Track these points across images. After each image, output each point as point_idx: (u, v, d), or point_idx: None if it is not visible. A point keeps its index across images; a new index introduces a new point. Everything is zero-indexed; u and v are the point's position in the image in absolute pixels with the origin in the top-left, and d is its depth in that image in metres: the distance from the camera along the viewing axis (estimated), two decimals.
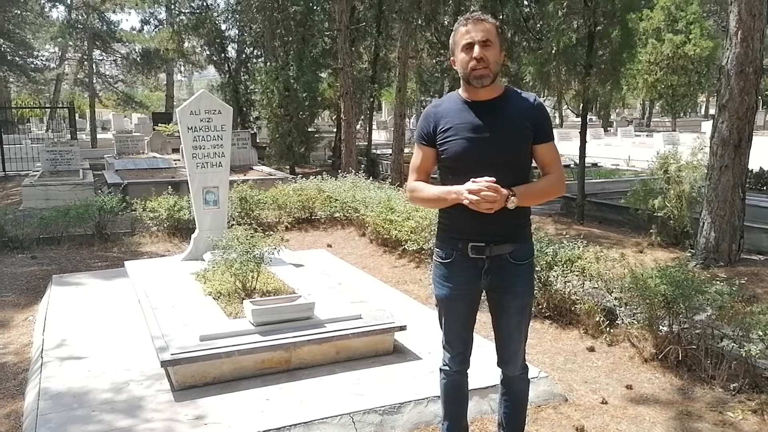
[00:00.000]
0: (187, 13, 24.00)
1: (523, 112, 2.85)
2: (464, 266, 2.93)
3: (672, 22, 26.18)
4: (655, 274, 4.75)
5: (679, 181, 8.34)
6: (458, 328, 3.11)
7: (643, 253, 8.22)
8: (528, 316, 3.10)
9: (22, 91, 39.76)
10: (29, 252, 8.66)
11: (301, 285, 5.41)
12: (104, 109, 44.20)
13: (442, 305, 3.09)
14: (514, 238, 2.91)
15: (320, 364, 4.44)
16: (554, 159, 2.93)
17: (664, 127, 33.17)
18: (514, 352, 3.12)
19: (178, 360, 4.05)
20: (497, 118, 2.83)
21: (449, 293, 3.01)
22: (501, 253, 2.89)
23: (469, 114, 2.85)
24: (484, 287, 2.99)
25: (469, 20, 2.81)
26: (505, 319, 3.04)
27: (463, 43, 2.79)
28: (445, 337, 3.16)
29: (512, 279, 2.94)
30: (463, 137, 2.82)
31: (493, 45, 2.78)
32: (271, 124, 18.45)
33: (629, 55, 9.98)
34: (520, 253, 2.93)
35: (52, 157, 14.40)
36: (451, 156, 2.85)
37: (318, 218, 10.42)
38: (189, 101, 6.58)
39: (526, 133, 2.83)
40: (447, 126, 2.87)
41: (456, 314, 3.07)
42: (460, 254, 2.92)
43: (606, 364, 4.82)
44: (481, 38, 2.76)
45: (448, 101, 2.97)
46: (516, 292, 2.97)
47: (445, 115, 2.90)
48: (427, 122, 2.95)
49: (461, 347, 3.15)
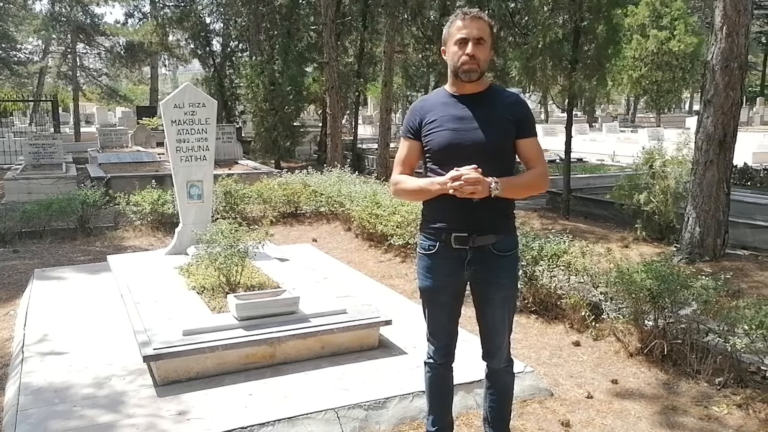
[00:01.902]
0: (171, 6, 23.81)
1: (506, 107, 2.90)
2: (447, 257, 2.93)
3: (657, 18, 26.26)
4: (641, 269, 4.75)
5: (665, 177, 8.37)
6: (442, 320, 3.10)
7: (628, 248, 8.25)
8: (512, 308, 3.09)
9: (5, 85, 39.39)
10: (11, 246, 8.55)
11: (286, 279, 5.36)
12: (88, 102, 43.80)
13: (426, 297, 3.08)
14: (497, 229, 2.91)
15: (305, 358, 4.40)
16: (537, 154, 2.96)
17: (649, 123, 33.28)
18: (499, 344, 3.11)
19: (160, 355, 3.99)
20: (482, 110, 2.86)
21: (432, 284, 3.01)
22: (484, 244, 2.89)
23: (454, 107, 2.90)
24: (468, 279, 2.98)
25: (467, 16, 2.83)
26: (490, 312, 3.04)
27: (458, 37, 2.82)
28: (429, 330, 3.15)
29: (496, 270, 2.94)
30: (447, 128, 2.85)
31: (485, 44, 2.83)
32: (256, 119, 18.36)
33: (615, 50, 9.99)
34: (503, 244, 2.93)
35: (35, 151, 14.22)
36: (435, 147, 2.88)
37: (303, 213, 10.37)
38: (173, 94, 6.51)
39: (509, 127, 2.87)
40: (432, 118, 2.90)
41: (440, 305, 3.06)
42: (443, 245, 2.92)
43: (591, 359, 4.82)
44: (476, 35, 2.80)
45: (436, 95, 3.02)
46: (500, 284, 2.97)
47: (431, 108, 2.94)
48: (413, 116, 2.98)
49: (445, 339, 3.14)
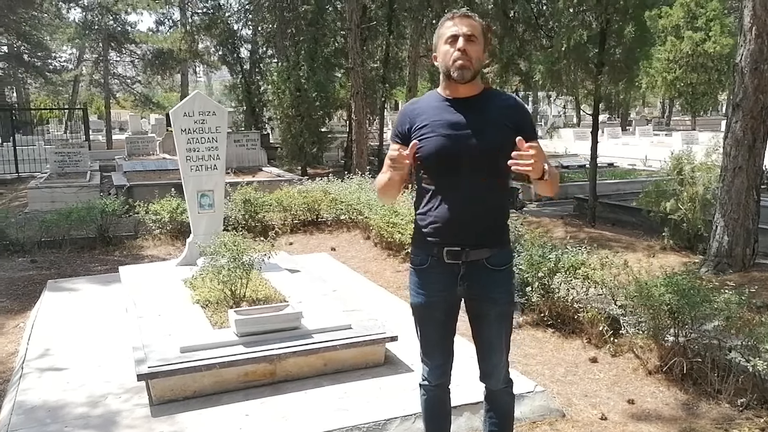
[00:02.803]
0: (200, 13, 23.96)
1: (503, 111, 2.72)
2: (440, 272, 2.78)
3: (691, 19, 25.67)
4: (660, 283, 4.51)
5: (693, 183, 8.06)
6: (436, 338, 2.94)
7: (654, 257, 7.96)
8: (509, 325, 2.91)
9: (41, 93, 40.14)
10: (30, 256, 8.57)
11: (293, 292, 5.23)
12: (123, 110, 44.43)
13: (418, 314, 2.92)
14: (491, 243, 2.75)
15: (307, 376, 4.26)
16: (544, 157, 2.76)
17: (685, 126, 32.60)
18: (496, 363, 2.93)
19: (155, 373, 3.88)
20: (477, 115, 2.69)
21: (425, 301, 2.85)
22: (477, 258, 2.73)
23: (447, 111, 2.71)
24: (461, 295, 2.82)
25: (456, 15, 2.70)
26: (485, 329, 2.87)
27: (448, 35, 2.67)
28: (422, 349, 2.99)
29: (490, 285, 2.78)
30: (439, 134, 2.67)
31: (477, 41, 2.66)
32: (282, 125, 18.32)
33: (643, 52, 9.70)
34: (497, 258, 2.78)
35: (60, 159, 14.35)
36: (426, 154, 2.69)
37: (324, 220, 10.25)
38: (182, 102, 6.43)
39: (506, 132, 2.65)
40: (423, 123, 2.72)
41: (433, 323, 2.90)
42: (436, 260, 2.76)
43: (608, 377, 4.59)
44: (467, 32, 2.64)
45: (427, 98, 2.84)
46: (494, 300, 2.80)
47: (422, 112, 2.76)
48: (403, 119, 2.82)
49: (440, 359, 2.97)
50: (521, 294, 5.57)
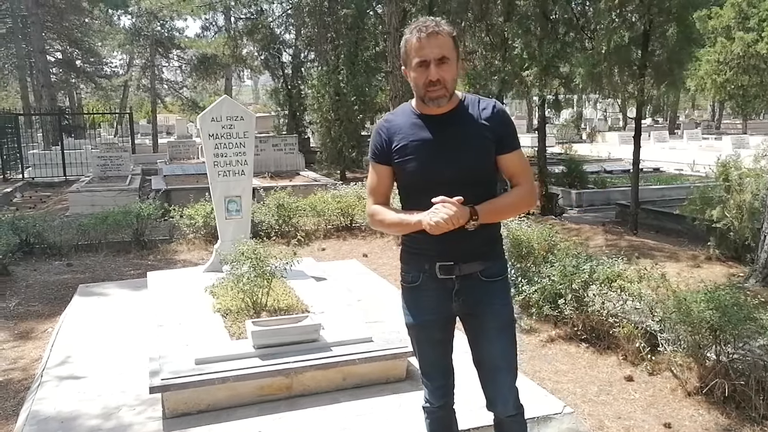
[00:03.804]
0: (243, 18, 24.14)
1: (482, 122, 2.54)
2: (433, 288, 2.62)
3: (743, 19, 24.84)
4: (701, 298, 4.24)
5: (741, 190, 7.67)
6: (434, 358, 2.78)
7: (699, 267, 7.61)
8: (513, 341, 2.72)
9: (93, 98, 41.10)
10: (66, 259, 8.65)
11: (316, 301, 5.10)
12: (171, 114, 45.17)
13: (413, 334, 2.77)
14: (484, 256, 2.60)
15: (324, 391, 4.12)
16: (522, 169, 2.61)
17: (735, 130, 31.62)
18: (503, 386, 2.73)
19: (168, 386, 3.79)
20: (455, 131, 2.53)
21: (419, 320, 2.70)
22: (471, 272, 2.57)
23: (423, 130, 2.55)
24: (457, 312, 2.66)
25: (422, 32, 2.44)
26: (486, 346, 2.69)
27: (417, 61, 2.46)
28: (422, 370, 2.84)
29: (488, 297, 2.62)
30: (419, 155, 2.52)
31: (450, 61, 2.46)
32: (322, 129, 18.31)
33: (688, 54, 9.32)
34: (492, 270, 2.62)
35: (103, 163, 14.56)
36: (406, 176, 2.57)
37: (358, 226, 10.14)
38: (210, 107, 6.37)
39: (487, 145, 2.52)
40: (401, 143, 2.56)
41: (430, 342, 2.75)
42: (428, 276, 2.60)
43: (644, 397, 4.34)
44: (437, 56, 2.43)
45: (401, 114, 2.65)
46: (493, 311, 2.64)
47: (397, 130, 2.59)
48: (379, 138, 2.63)
49: (441, 379, 2.81)
50: (553, 306, 5.34)
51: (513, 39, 11.51)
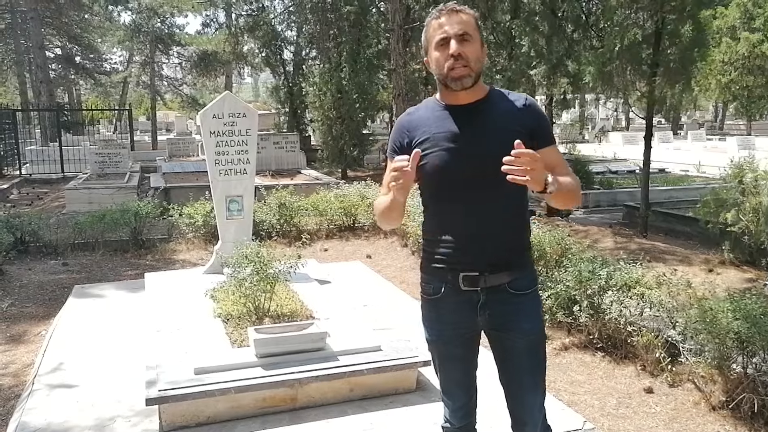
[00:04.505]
0: (244, 15, 23.91)
1: (513, 115, 2.33)
2: (456, 302, 2.40)
3: (748, 19, 24.61)
4: (727, 307, 4.03)
5: (756, 193, 7.45)
6: (457, 376, 2.56)
7: (712, 272, 7.39)
8: (542, 359, 2.51)
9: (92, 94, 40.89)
10: (62, 258, 8.42)
11: (321, 307, 4.89)
12: (171, 111, 44.92)
13: (435, 349, 2.56)
14: (512, 266, 2.37)
15: (330, 402, 3.90)
16: (562, 163, 2.41)
17: (739, 131, 31.40)
18: (531, 408, 2.52)
19: (166, 397, 3.57)
20: (483, 123, 2.31)
21: (441, 335, 2.49)
22: (498, 284, 2.35)
23: (448, 121, 2.33)
24: (483, 326, 2.45)
25: (443, 12, 2.29)
26: (514, 365, 2.47)
27: (437, 39, 2.28)
28: (442, 387, 2.62)
29: (516, 313, 2.39)
30: (443, 149, 2.30)
31: (472, 39, 2.27)
32: (323, 127, 18.09)
33: (701, 53, 9.10)
34: (520, 282, 2.39)
35: (101, 160, 14.33)
36: (430, 171, 2.32)
37: (361, 226, 9.91)
38: (211, 104, 6.15)
39: (519, 139, 2.26)
40: (424, 137, 2.34)
41: (452, 360, 2.53)
42: (450, 287, 2.38)
43: (666, 411, 4.12)
44: (458, 31, 2.25)
45: (425, 107, 2.45)
46: (522, 329, 2.41)
47: (421, 124, 2.38)
48: (400, 133, 2.43)
49: (463, 398, 2.58)
50: (567, 313, 5.13)
51: (520, 37, 11.31)
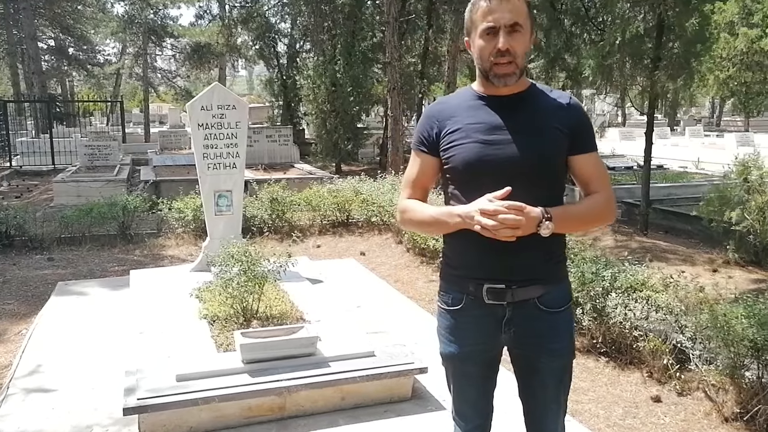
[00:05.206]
0: (237, 6, 23.63)
1: (555, 112, 2.08)
2: (478, 315, 2.14)
3: (747, 15, 24.42)
4: (741, 313, 3.82)
5: (762, 191, 7.26)
6: (473, 397, 2.30)
7: (717, 272, 7.19)
8: (567, 383, 2.26)
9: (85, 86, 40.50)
10: (48, 253, 8.17)
11: (312, 308, 4.66)
12: (164, 103, 44.50)
13: (450, 365, 2.29)
14: (544, 278, 2.12)
15: (321, 411, 3.68)
16: (601, 174, 2.16)
17: (736, 127, 31.27)
18: (552, 430, 2.29)
19: (145, 407, 3.34)
20: (522, 117, 2.06)
21: (459, 351, 2.22)
22: (527, 298, 2.10)
23: (483, 111, 2.08)
24: (506, 343, 2.19)
25: None
26: (537, 387, 2.23)
27: (484, 27, 2.01)
28: (455, 407, 2.35)
29: (546, 334, 2.14)
30: (475, 140, 2.05)
31: (523, 30, 2.02)
32: (317, 120, 17.85)
33: (704, 47, 8.89)
34: (553, 297, 2.13)
35: (90, 152, 14.04)
36: (459, 165, 2.08)
37: (355, 222, 9.68)
38: (200, 95, 5.92)
39: (559, 138, 2.06)
40: (455, 127, 2.09)
41: (469, 378, 2.27)
42: (472, 299, 2.13)
43: (675, 422, 3.91)
44: (508, 21, 1.99)
45: (459, 96, 2.19)
46: (551, 350, 2.16)
47: (453, 113, 2.12)
48: (429, 123, 2.17)
49: (477, 419, 2.33)
50: None
51: None
